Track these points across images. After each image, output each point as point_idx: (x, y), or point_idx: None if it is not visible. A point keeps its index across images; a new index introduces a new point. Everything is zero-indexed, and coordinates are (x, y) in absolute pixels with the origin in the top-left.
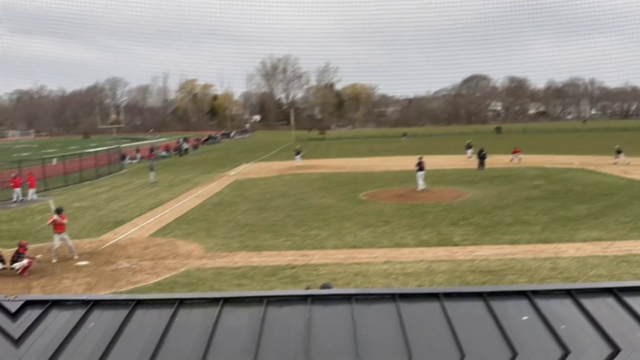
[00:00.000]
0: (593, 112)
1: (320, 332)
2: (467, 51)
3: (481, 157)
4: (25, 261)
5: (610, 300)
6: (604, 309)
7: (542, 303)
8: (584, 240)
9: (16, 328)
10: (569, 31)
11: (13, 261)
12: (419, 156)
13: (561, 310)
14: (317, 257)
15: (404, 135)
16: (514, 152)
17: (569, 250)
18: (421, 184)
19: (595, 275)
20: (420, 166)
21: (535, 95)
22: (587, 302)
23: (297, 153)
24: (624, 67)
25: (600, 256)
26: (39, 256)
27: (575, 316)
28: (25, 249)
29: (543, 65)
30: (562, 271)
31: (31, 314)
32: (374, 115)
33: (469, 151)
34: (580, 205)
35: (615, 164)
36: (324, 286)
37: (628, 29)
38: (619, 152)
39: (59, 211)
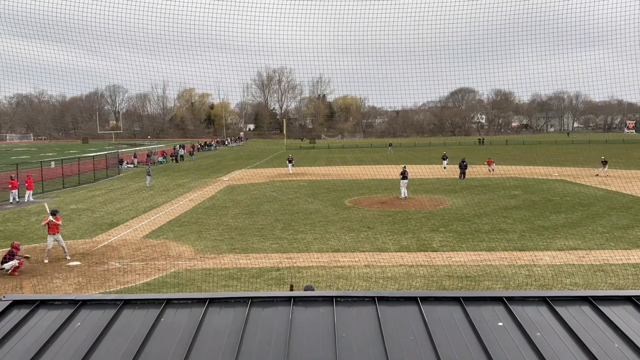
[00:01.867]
0: (576, 125)
1: (302, 334)
2: (456, 65)
3: (462, 167)
4: (15, 261)
5: (586, 309)
6: (580, 317)
7: (518, 309)
8: (560, 249)
9: (1, 328)
10: (557, 46)
11: (3, 261)
12: (403, 165)
13: (537, 317)
14: (301, 259)
15: (390, 145)
16: (488, 163)
17: (545, 258)
18: (404, 191)
19: (571, 283)
20: (404, 175)
21: (519, 108)
22: (563, 310)
23: (290, 161)
24: (611, 81)
25: (577, 265)
26: (27, 255)
27: (551, 323)
28: (18, 250)
29: (529, 79)
30: (537, 278)
31: (18, 314)
32: (363, 126)
33: (445, 162)
34: (557, 214)
35: (597, 175)
36: (307, 288)
37: (617, 43)
38: (604, 162)
39: (54, 213)
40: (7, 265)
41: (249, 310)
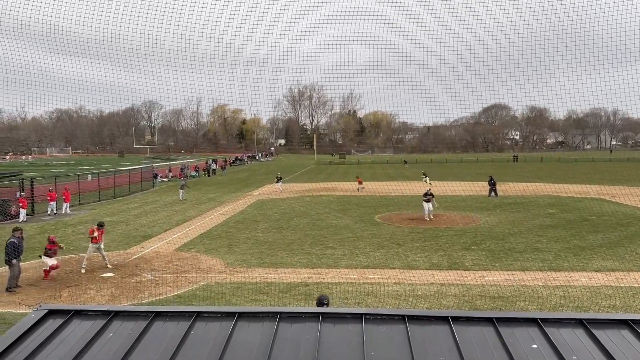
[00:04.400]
0: (614, 142)
1: (330, 351)
2: (489, 81)
3: (491, 184)
4: (54, 260)
5: (625, 333)
6: (619, 341)
7: (553, 331)
8: (598, 270)
9: (37, 337)
10: (594, 61)
11: (45, 253)
12: (428, 188)
13: (573, 340)
14: (330, 275)
15: (405, 162)
16: (358, 182)
17: (582, 279)
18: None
19: (608, 305)
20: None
21: (554, 125)
22: (600, 333)
23: (278, 180)
24: None
25: (614, 286)
26: (61, 245)
27: (588, 347)
28: (54, 244)
29: (565, 95)
30: (573, 300)
31: (53, 323)
32: (393, 141)
33: (425, 178)
34: (594, 234)
35: None
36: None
37: None
38: None
39: (101, 225)
40: (46, 260)
41: (277, 326)
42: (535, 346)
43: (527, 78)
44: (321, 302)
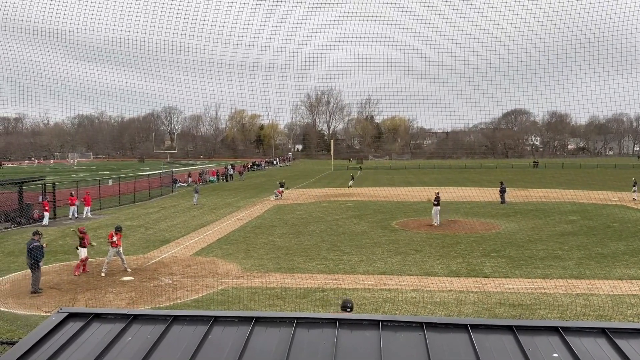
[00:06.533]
0: (637, 148)
1: (346, 357)
2: (509, 86)
3: (502, 190)
4: (85, 252)
5: None
6: None
7: (575, 340)
8: (621, 278)
9: (57, 340)
10: (617, 66)
11: (81, 244)
12: (437, 191)
13: (595, 350)
14: (347, 281)
15: (360, 169)
16: (279, 192)
17: (604, 287)
18: (436, 219)
19: (633, 315)
20: (437, 201)
21: (575, 131)
22: (624, 343)
23: (282, 185)
24: None
25: (639, 295)
26: (93, 243)
27: (611, 357)
28: (85, 234)
29: (586, 101)
30: (596, 308)
31: (73, 326)
32: (411, 147)
33: (351, 182)
34: (617, 242)
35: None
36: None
37: None
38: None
39: (118, 229)
40: (81, 250)
41: (294, 331)
42: (556, 355)
43: (548, 83)
44: (345, 306)
